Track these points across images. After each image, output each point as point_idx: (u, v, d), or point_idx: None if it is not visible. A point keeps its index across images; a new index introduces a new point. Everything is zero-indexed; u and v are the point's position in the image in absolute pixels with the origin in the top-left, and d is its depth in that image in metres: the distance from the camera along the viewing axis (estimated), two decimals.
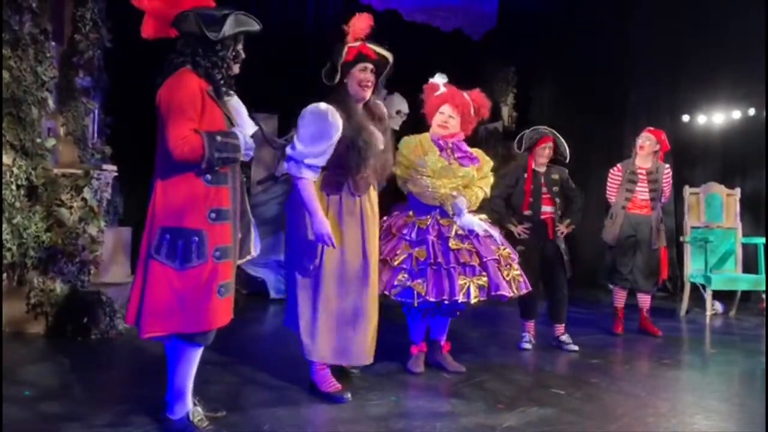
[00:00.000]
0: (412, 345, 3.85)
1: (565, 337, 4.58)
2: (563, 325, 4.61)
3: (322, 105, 3.07)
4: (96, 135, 5.21)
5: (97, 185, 4.75)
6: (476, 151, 3.92)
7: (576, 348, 4.50)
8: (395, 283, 3.52)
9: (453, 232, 3.64)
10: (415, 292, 3.50)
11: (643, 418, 3.10)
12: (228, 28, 2.60)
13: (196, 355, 2.69)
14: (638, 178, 5.19)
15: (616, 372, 4.02)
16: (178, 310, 2.56)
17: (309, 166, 3.05)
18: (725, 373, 4.26)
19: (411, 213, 3.76)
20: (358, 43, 3.13)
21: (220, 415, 2.86)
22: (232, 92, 2.75)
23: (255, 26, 2.73)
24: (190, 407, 2.69)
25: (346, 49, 3.09)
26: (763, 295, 6.09)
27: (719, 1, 6.87)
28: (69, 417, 2.83)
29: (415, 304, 3.54)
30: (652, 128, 5.34)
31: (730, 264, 6.38)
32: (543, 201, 4.50)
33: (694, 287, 6.25)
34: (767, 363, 4.19)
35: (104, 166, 4.93)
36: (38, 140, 4.50)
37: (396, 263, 3.56)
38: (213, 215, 2.60)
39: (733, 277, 6.20)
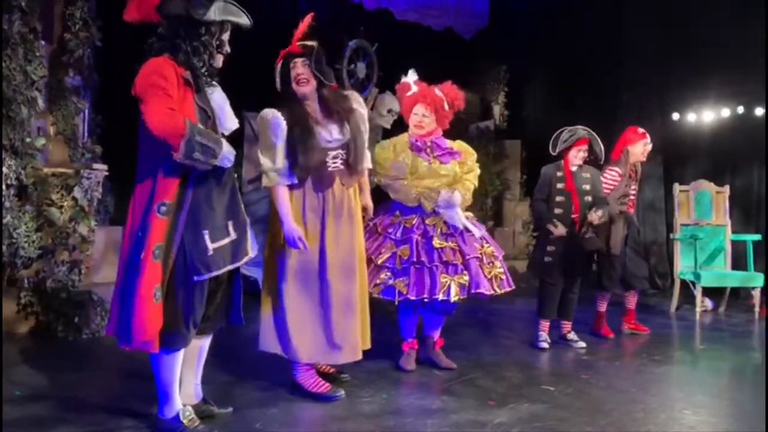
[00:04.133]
0: (404, 342, 3.86)
1: (571, 335, 4.63)
2: (570, 323, 4.66)
3: (264, 111, 3.14)
4: (86, 134, 5.19)
5: (87, 184, 4.73)
6: (458, 144, 3.90)
7: (584, 345, 4.54)
8: (378, 281, 3.55)
9: (438, 231, 3.66)
10: (397, 291, 3.52)
11: (633, 414, 3.12)
12: (214, 12, 2.53)
13: (174, 359, 2.63)
14: (632, 180, 5.07)
15: (606, 368, 4.05)
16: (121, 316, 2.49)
17: (276, 172, 3.08)
18: (715, 368, 4.30)
19: (398, 213, 3.77)
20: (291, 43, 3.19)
21: (225, 411, 2.90)
22: (214, 84, 2.67)
23: (244, 19, 2.64)
24: (180, 407, 2.68)
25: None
26: (752, 292, 6.13)
27: (709, 1, 6.92)
28: (60, 417, 2.83)
29: (396, 303, 3.56)
30: (641, 131, 5.09)
31: (720, 261, 6.42)
32: (573, 201, 4.52)
33: (684, 284, 6.29)
34: (767, 364, 4.21)
35: (95, 166, 4.91)
36: (28, 140, 4.48)
37: (380, 262, 3.58)
38: (163, 209, 2.49)
39: (722, 273, 6.25)
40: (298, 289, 3.15)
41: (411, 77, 3.89)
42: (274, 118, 3.08)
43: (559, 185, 4.51)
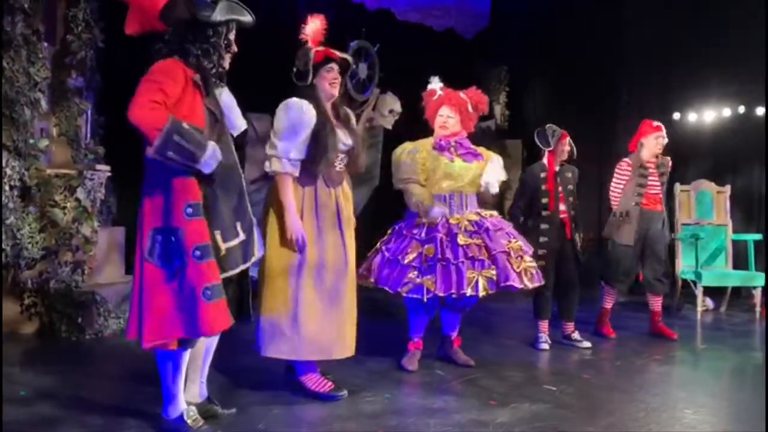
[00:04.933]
0: (410, 341, 3.88)
1: (575, 335, 4.64)
2: (573, 323, 4.68)
3: (294, 99, 3.16)
4: (89, 135, 5.21)
5: (90, 185, 4.76)
6: (481, 149, 3.98)
7: (588, 345, 4.55)
8: (406, 280, 3.58)
9: (462, 229, 3.69)
10: (425, 288, 3.55)
11: (634, 414, 3.14)
12: (220, 12, 2.55)
13: (183, 358, 2.65)
14: (649, 172, 4.99)
15: (607, 368, 4.06)
16: (173, 315, 2.50)
17: (290, 160, 3.09)
18: (716, 368, 4.31)
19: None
20: (322, 48, 3.26)
21: (229, 412, 2.91)
22: (222, 84, 2.68)
23: (247, 16, 2.68)
24: (184, 407, 2.70)
25: (313, 51, 3.21)
26: (753, 292, 6.15)
27: (709, 1, 6.93)
28: (64, 417, 2.85)
29: (425, 300, 3.58)
30: (657, 122, 5.09)
31: (721, 260, 6.44)
32: (560, 200, 4.54)
33: (685, 283, 6.31)
34: (767, 364, 4.22)
35: (97, 167, 4.93)
36: (31, 141, 4.50)
37: (406, 261, 3.62)
38: (189, 210, 2.50)
39: (723, 273, 6.26)
40: (317, 284, 3.14)
41: (436, 84, 3.98)
42: (307, 108, 3.11)
43: (544, 186, 4.53)
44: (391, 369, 3.80)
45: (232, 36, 2.68)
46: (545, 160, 4.61)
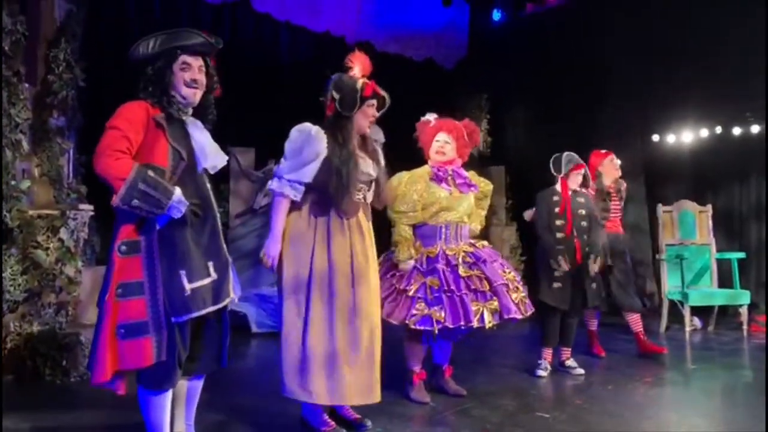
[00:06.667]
0: (413, 374, 3.84)
1: (570, 362, 4.62)
2: (570, 349, 4.67)
3: (307, 124, 3.09)
4: (71, 175, 5.17)
5: (73, 225, 4.70)
6: (472, 176, 4.00)
7: (582, 371, 4.53)
8: (414, 312, 3.56)
9: (460, 260, 3.70)
10: (434, 319, 3.53)
11: None
12: (149, 47, 2.56)
13: (163, 400, 2.59)
14: (611, 197, 5.19)
15: (599, 392, 4.05)
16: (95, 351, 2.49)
17: (290, 182, 3.02)
18: (707, 388, 4.32)
19: (418, 244, 3.80)
20: (369, 80, 3.18)
21: None
22: (195, 120, 2.66)
23: (196, 39, 2.60)
24: None
25: (362, 83, 3.13)
26: (739, 309, 6.19)
27: (686, 24, 7.08)
28: None
29: (436, 331, 3.56)
30: (603, 150, 5.31)
31: (706, 280, 6.49)
32: (569, 225, 4.57)
33: (672, 304, 6.34)
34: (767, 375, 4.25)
35: (80, 206, 4.88)
36: (13, 182, 4.46)
37: (411, 293, 3.61)
38: (123, 248, 2.49)
39: (709, 292, 6.30)
40: (326, 322, 3.02)
41: (430, 116, 4.00)
42: (317, 134, 3.04)
43: (556, 209, 4.57)
44: (384, 402, 3.74)
45: (177, 66, 2.60)
46: (558, 186, 4.66)
